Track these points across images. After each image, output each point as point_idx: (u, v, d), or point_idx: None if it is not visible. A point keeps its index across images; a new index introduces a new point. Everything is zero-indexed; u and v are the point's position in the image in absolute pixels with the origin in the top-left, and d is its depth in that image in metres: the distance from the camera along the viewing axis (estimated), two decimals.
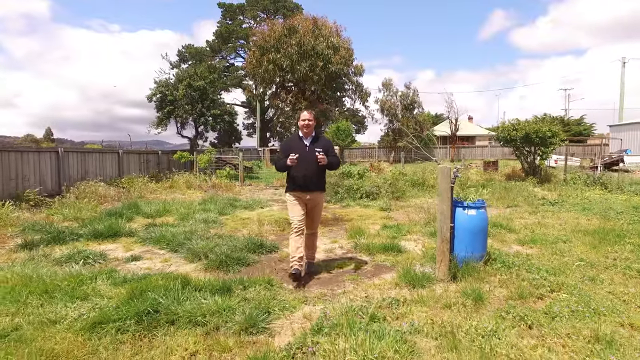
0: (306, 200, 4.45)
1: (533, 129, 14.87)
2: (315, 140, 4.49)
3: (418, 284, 4.07)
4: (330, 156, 4.46)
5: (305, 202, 4.44)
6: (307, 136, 4.47)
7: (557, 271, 4.46)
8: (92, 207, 8.59)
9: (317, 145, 4.44)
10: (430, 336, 2.88)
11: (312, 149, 4.38)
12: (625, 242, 5.64)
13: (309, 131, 4.45)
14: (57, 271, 4.29)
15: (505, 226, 7.02)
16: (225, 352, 2.73)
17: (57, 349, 2.65)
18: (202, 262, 4.89)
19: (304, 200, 4.43)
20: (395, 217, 8.30)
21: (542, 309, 3.43)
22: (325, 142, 4.63)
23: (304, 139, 4.47)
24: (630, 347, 2.71)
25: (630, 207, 8.92)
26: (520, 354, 2.60)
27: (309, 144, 4.44)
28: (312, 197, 4.45)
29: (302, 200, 4.43)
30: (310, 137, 4.48)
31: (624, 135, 29.07)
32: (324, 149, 4.44)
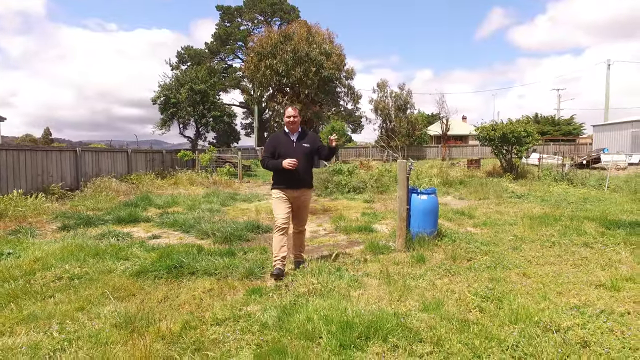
0: (294, 198, 4.38)
1: (509, 129, 16.11)
2: (302, 136, 4.46)
3: (380, 252, 5.27)
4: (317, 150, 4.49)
5: (292, 199, 4.37)
6: (293, 132, 4.44)
7: (491, 243, 5.68)
8: (110, 199, 9.78)
9: (304, 141, 4.42)
10: (375, 278, 4.10)
11: (300, 145, 4.36)
12: (557, 224, 6.85)
13: (294, 127, 4.41)
14: (99, 243, 5.49)
15: (467, 214, 8.22)
16: (232, 289, 3.92)
17: (117, 285, 3.86)
18: (211, 239, 6.08)
19: (292, 197, 4.36)
20: (376, 207, 9.51)
21: (466, 265, 4.64)
22: (312, 137, 4.58)
23: (291, 134, 4.43)
24: (512, 283, 3.93)
25: (582, 198, 10.16)
26: (431, 286, 3.82)
27: (296, 139, 4.41)
28: (300, 194, 4.39)
29: (290, 198, 4.36)
30: (296, 133, 4.45)
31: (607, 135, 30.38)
32: (311, 144, 4.43)
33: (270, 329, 2.93)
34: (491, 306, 3.30)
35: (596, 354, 2.51)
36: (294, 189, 4.35)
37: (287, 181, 4.31)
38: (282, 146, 4.34)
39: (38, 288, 3.80)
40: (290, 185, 4.32)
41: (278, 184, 4.38)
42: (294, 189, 4.34)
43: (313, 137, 4.62)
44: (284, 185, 4.33)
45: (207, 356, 2.55)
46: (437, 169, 16.74)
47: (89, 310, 3.32)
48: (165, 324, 2.98)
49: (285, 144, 4.36)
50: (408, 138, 36.89)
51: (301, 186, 4.38)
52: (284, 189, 4.34)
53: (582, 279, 4.06)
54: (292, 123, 4.39)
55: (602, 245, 5.43)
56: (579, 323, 2.90)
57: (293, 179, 4.29)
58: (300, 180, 4.35)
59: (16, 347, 2.64)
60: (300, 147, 4.36)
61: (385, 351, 2.57)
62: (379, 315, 3.01)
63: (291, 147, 4.34)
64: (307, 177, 4.45)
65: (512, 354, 2.53)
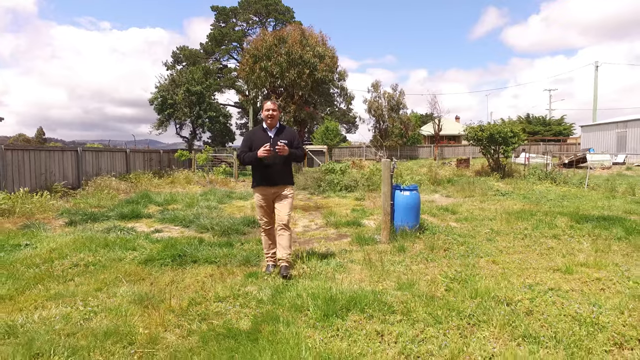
0: (272, 195, 4.31)
1: (496, 129, 16.70)
2: (279, 131, 4.34)
3: (365, 243, 5.76)
4: (293, 148, 4.31)
5: (271, 197, 4.31)
6: (272, 127, 4.31)
7: (468, 236, 6.19)
8: (112, 197, 10.21)
9: (281, 137, 4.28)
10: (359, 264, 4.60)
11: (277, 141, 4.23)
12: (532, 219, 7.38)
13: (273, 122, 4.29)
14: (107, 236, 5.95)
15: (451, 210, 8.75)
16: (231, 274, 4.39)
17: (128, 270, 4.32)
18: (210, 232, 6.54)
19: (270, 194, 4.30)
20: (365, 204, 10.01)
21: (442, 254, 5.14)
22: (290, 133, 4.44)
23: (268, 130, 4.31)
24: (480, 268, 4.43)
25: (561, 196, 10.73)
26: (407, 270, 4.32)
27: (273, 135, 4.28)
28: (278, 190, 4.29)
29: (268, 196, 4.31)
30: (274, 128, 4.32)
31: (594, 135, 31.13)
32: (288, 141, 4.28)
33: (265, 304, 3.41)
34: (457, 286, 3.80)
35: (536, 319, 3.02)
36: (272, 186, 4.26)
37: (265, 178, 4.23)
38: (258, 142, 4.20)
39: (59, 273, 4.26)
40: (268, 182, 4.24)
41: (256, 182, 4.31)
42: (271, 185, 4.26)
43: (291, 133, 4.47)
44: (261, 182, 4.25)
45: (212, 324, 3.03)
46: (426, 168, 17.30)
47: (106, 290, 3.78)
48: (174, 301, 3.45)
49: (262, 139, 4.22)
50: (401, 138, 37.48)
51: (279, 182, 4.27)
52: (263, 187, 4.27)
53: (542, 265, 4.57)
54: (270, 117, 4.26)
55: (569, 237, 5.97)
56: (528, 297, 3.41)
57: (270, 175, 4.22)
58: (278, 176, 4.25)
59: (51, 317, 3.10)
60: (277, 143, 4.18)
61: (362, 319, 3.06)
62: (359, 292, 3.50)
63: (267, 142, 4.17)
64: (286, 174, 4.32)
65: (468, 320, 3.03)
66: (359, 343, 2.69)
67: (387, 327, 2.92)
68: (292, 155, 4.29)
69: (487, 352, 2.56)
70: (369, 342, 2.72)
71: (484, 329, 2.89)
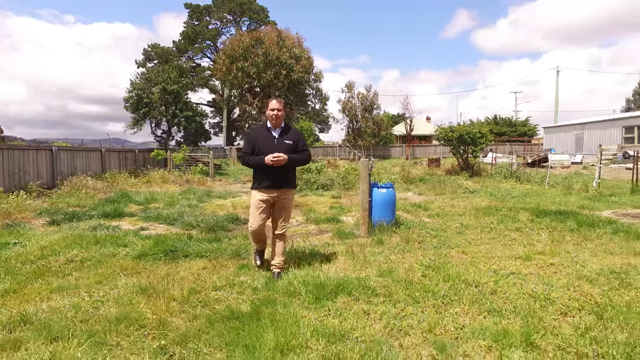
0: (274, 198, 4.10)
1: (466, 130, 17.52)
2: (284, 131, 4.13)
3: (346, 237, 6.15)
4: (299, 150, 4.15)
5: (273, 199, 4.11)
6: (276, 127, 4.10)
7: (440, 230, 6.68)
8: (91, 196, 10.19)
9: (286, 137, 4.09)
10: (342, 255, 4.97)
11: (282, 141, 4.04)
12: (497, 214, 7.98)
13: (278, 122, 4.08)
14: (95, 233, 6.08)
15: (424, 207, 9.27)
16: (224, 266, 4.67)
17: (124, 265, 4.54)
18: (196, 229, 6.76)
19: (272, 197, 4.08)
20: (342, 202, 10.42)
21: (417, 246, 5.59)
22: (295, 133, 4.23)
23: (273, 130, 4.10)
24: (451, 257, 4.90)
25: (525, 193, 11.50)
26: (387, 260, 4.74)
27: (277, 135, 4.08)
28: (280, 194, 4.11)
29: (270, 198, 4.08)
30: (279, 128, 4.12)
31: (555, 136, 32.84)
32: (293, 142, 4.11)
33: (260, 291, 3.73)
34: (432, 272, 4.24)
35: (499, 297, 3.48)
36: (275, 189, 4.06)
37: (268, 180, 4.01)
38: (262, 142, 4.04)
39: (56, 268, 4.42)
40: (271, 185, 4.02)
41: (258, 184, 4.07)
42: (275, 188, 4.05)
43: (296, 133, 4.25)
44: (264, 184, 4.03)
45: (214, 309, 3.33)
46: (399, 167, 17.92)
47: (107, 283, 3.99)
48: (175, 291, 3.71)
49: (266, 140, 4.05)
50: (374, 138, 38.26)
51: (283, 185, 4.10)
52: (265, 189, 4.05)
53: (506, 254, 5.09)
54: (275, 117, 4.04)
55: (530, 230, 6.56)
56: (493, 280, 3.89)
57: (275, 178, 4.00)
58: (283, 179, 4.07)
59: (61, 306, 3.32)
60: (282, 144, 4.03)
61: (350, 301, 3.44)
62: (345, 279, 3.88)
63: (272, 143, 4.02)
64: (290, 176, 4.18)
65: (442, 300, 3.46)
66: (349, 320, 3.06)
67: (372, 307, 3.31)
68: (296, 161, 4.12)
69: (459, 324, 2.99)
70: (357, 319, 3.09)
71: (455, 306, 3.33)
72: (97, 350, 2.62)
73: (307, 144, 4.33)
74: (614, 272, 4.14)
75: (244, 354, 2.51)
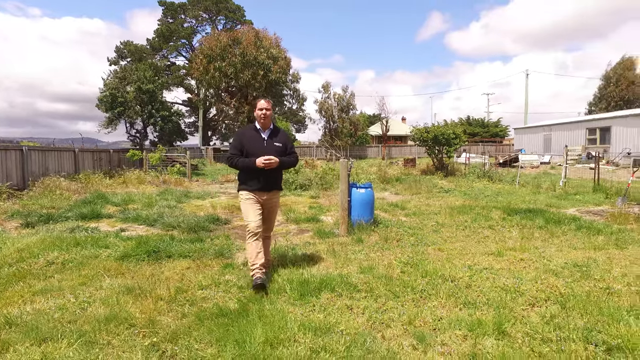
0: (263, 201, 4.01)
1: (440, 131, 18.00)
2: (274, 133, 4.04)
3: (326, 236, 6.29)
4: (287, 153, 4.09)
5: (262, 202, 4.00)
6: (265, 128, 3.99)
7: (417, 228, 6.92)
8: (65, 197, 9.98)
9: (276, 140, 4.01)
10: (323, 253, 5.12)
11: (272, 143, 3.96)
12: (471, 212, 8.31)
13: (266, 122, 3.96)
14: (75, 235, 6.01)
15: (401, 206, 9.53)
16: (207, 266, 4.74)
17: (107, 266, 4.54)
18: (177, 230, 6.77)
19: (262, 200, 4.00)
20: (321, 202, 10.58)
21: (395, 244, 5.79)
22: (284, 136, 4.16)
23: (262, 131, 3.99)
24: (428, 254, 5.12)
25: (496, 192, 11.95)
26: (367, 257, 4.92)
27: (267, 137, 3.98)
28: (269, 197, 4.04)
29: (259, 200, 3.99)
30: (268, 129, 4.00)
31: (525, 137, 34.01)
32: (282, 144, 4.04)
33: (245, 289, 3.83)
34: (410, 269, 4.44)
35: (473, 291, 3.70)
36: (264, 191, 3.98)
37: (258, 182, 3.92)
38: (251, 144, 3.93)
39: (37, 271, 4.38)
40: (260, 187, 3.93)
41: (247, 185, 3.96)
42: (264, 191, 3.97)
43: (285, 136, 4.20)
44: (253, 187, 3.93)
45: (202, 307, 3.41)
46: (376, 168, 18.22)
47: (91, 284, 4.00)
48: (161, 290, 3.77)
49: (255, 142, 3.94)
50: (350, 138, 38.61)
51: (272, 188, 4.04)
52: (253, 192, 3.94)
53: (479, 250, 5.35)
54: (264, 117, 3.92)
55: (501, 227, 6.88)
56: (467, 275, 4.12)
57: (264, 180, 3.92)
58: (272, 181, 4.01)
59: (46, 308, 3.32)
60: (271, 146, 3.95)
61: (333, 297, 3.59)
62: (328, 276, 4.03)
63: (261, 145, 3.93)
64: (278, 179, 4.12)
65: (420, 294, 3.65)
66: (333, 315, 3.20)
67: (355, 302, 3.47)
68: (286, 164, 4.09)
69: (437, 316, 3.18)
70: (341, 314, 3.24)
71: (433, 299, 3.52)
72: (88, 349, 2.67)
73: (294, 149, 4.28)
74: (577, 265, 4.45)
75: (236, 349, 2.61)
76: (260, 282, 3.69)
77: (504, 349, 2.62)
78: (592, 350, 2.57)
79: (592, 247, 5.36)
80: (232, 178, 18.31)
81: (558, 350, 2.57)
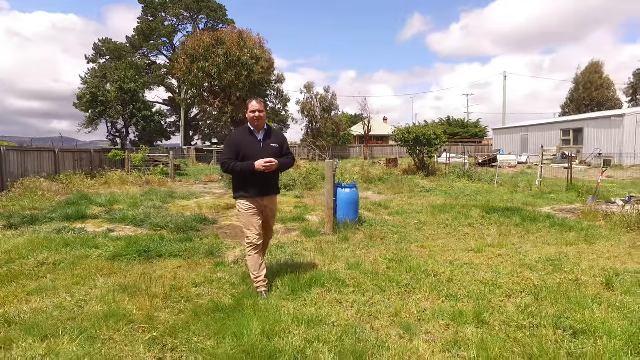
0: (263, 207, 3.84)
1: (421, 132, 18.36)
2: (268, 134, 3.89)
3: (312, 235, 6.47)
4: (284, 154, 3.93)
5: (262, 208, 3.84)
6: (259, 129, 3.84)
7: (400, 226, 7.17)
8: (47, 198, 9.87)
9: (272, 141, 3.86)
10: (311, 251, 5.30)
11: (268, 145, 3.81)
12: (452, 211, 8.61)
13: (261, 123, 3.81)
14: (63, 236, 6.02)
15: (384, 205, 9.78)
16: (199, 265, 4.85)
17: (99, 266, 4.61)
18: (165, 230, 6.83)
19: (261, 206, 3.83)
20: (306, 202, 10.75)
21: (380, 242, 6.00)
22: (279, 137, 4.01)
23: (256, 133, 3.83)
24: (412, 251, 5.35)
25: (476, 191, 12.35)
26: (353, 254, 5.12)
27: (262, 139, 3.83)
28: (268, 202, 3.88)
29: (260, 207, 3.82)
30: (262, 131, 3.85)
31: (503, 137, 34.93)
32: (279, 145, 3.90)
33: (238, 286, 3.98)
34: (395, 265, 4.66)
35: (455, 284, 3.95)
36: (263, 196, 3.81)
37: (256, 187, 3.74)
38: (247, 147, 3.75)
39: (29, 271, 4.42)
40: (259, 192, 3.76)
41: (244, 192, 3.76)
42: (263, 195, 3.80)
43: (280, 136, 4.05)
44: (252, 191, 3.74)
45: (198, 303, 3.54)
46: (359, 168, 18.49)
47: (85, 284, 4.08)
48: (156, 289, 3.88)
49: (251, 144, 3.77)
50: (333, 138, 38.87)
51: (270, 192, 3.89)
52: (252, 198, 3.75)
53: (460, 247, 5.62)
54: (257, 119, 3.77)
55: (481, 225, 7.19)
56: (449, 270, 4.36)
57: (263, 184, 3.75)
58: (271, 184, 3.87)
59: (44, 307, 3.40)
60: (268, 148, 3.79)
61: (323, 292, 3.77)
62: (317, 272, 4.21)
63: (258, 147, 3.76)
64: (276, 182, 3.98)
65: (405, 288, 3.87)
66: (324, 308, 3.39)
67: (344, 296, 3.66)
68: (285, 166, 3.92)
69: (421, 308, 3.40)
70: (331, 307, 3.43)
71: (417, 293, 3.75)
72: (91, 344, 2.77)
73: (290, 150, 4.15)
74: (550, 259, 4.75)
75: (234, 340, 2.77)
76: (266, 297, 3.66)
77: (483, 336, 2.85)
78: (560, 335, 2.83)
79: (564, 243, 5.69)
80: (216, 178, 18.29)
81: (531, 335, 2.82)
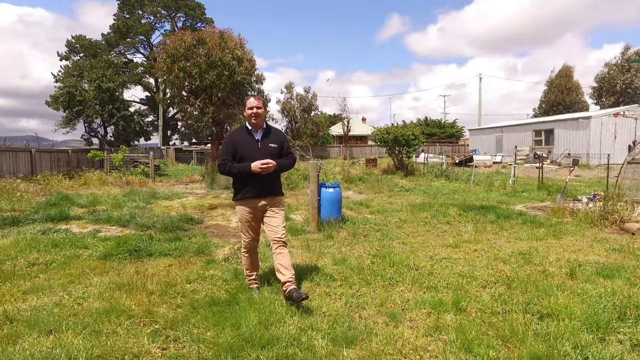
0: (261, 208, 3.70)
1: (400, 132, 18.80)
2: (267, 134, 3.73)
3: (298, 234, 6.69)
4: (284, 154, 3.80)
5: (260, 210, 3.71)
6: (258, 128, 3.69)
7: (381, 224, 7.46)
8: (26, 199, 9.74)
9: (270, 141, 3.71)
10: (298, 248, 5.53)
11: (266, 145, 3.67)
12: (430, 209, 8.97)
13: (259, 122, 3.66)
14: (51, 236, 6.04)
15: (365, 204, 10.08)
16: (190, 263, 5.00)
17: (91, 266, 4.70)
18: (151, 230, 6.91)
19: (260, 207, 3.69)
20: (289, 201, 10.93)
21: (363, 239, 6.27)
22: (279, 136, 3.84)
23: (254, 132, 3.69)
24: (394, 247, 5.63)
25: (453, 190, 12.80)
26: (338, 251, 5.37)
27: (260, 138, 3.68)
28: (268, 202, 3.70)
29: (257, 209, 3.69)
30: (261, 130, 3.70)
31: (479, 138, 35.91)
32: (279, 145, 3.75)
33: (231, 282, 4.16)
34: (379, 260, 4.92)
35: (434, 277, 4.24)
36: (262, 197, 3.67)
37: (255, 188, 3.61)
38: (244, 147, 3.62)
39: (21, 272, 4.48)
40: (258, 193, 3.64)
41: (242, 194, 3.67)
42: (261, 197, 3.66)
43: (280, 135, 3.88)
44: (250, 193, 3.63)
45: (194, 298, 3.71)
46: (339, 168, 18.79)
47: (80, 282, 4.18)
48: (151, 286, 4.02)
49: (249, 144, 3.64)
50: (313, 138, 39.10)
51: (270, 193, 3.70)
52: (249, 200, 3.65)
53: (439, 243, 5.94)
54: (255, 115, 3.62)
55: (458, 222, 7.55)
56: (429, 264, 4.66)
57: (261, 185, 3.62)
58: (271, 185, 3.70)
59: (44, 305, 3.50)
60: (266, 148, 3.67)
61: (312, 286, 4.00)
62: (305, 268, 4.43)
63: (256, 147, 3.64)
64: (277, 183, 3.80)
65: (389, 281, 4.14)
66: (314, 301, 3.61)
67: (332, 290, 3.90)
68: (284, 167, 3.78)
69: (404, 298, 3.67)
70: (321, 299, 3.66)
71: (400, 285, 4.02)
72: (95, 337, 2.92)
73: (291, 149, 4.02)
74: (522, 253, 5.11)
75: (233, 331, 2.96)
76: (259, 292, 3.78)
77: (461, 321, 3.14)
78: (529, 318, 3.15)
79: (535, 238, 6.10)
80: (197, 179, 18.25)
81: (503, 320, 3.12)
